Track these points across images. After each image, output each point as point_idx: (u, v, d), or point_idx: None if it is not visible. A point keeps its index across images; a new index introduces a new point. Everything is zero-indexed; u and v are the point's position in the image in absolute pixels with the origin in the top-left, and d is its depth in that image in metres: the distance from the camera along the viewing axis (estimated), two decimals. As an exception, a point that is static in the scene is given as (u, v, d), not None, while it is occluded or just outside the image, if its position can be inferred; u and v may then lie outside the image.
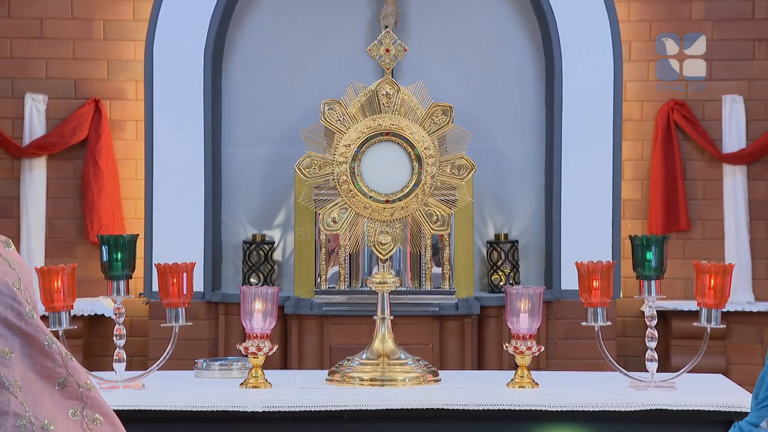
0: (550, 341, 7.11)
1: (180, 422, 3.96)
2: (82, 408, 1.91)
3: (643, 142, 7.65)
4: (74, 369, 1.92)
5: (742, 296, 7.50)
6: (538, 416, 3.99)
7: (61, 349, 1.91)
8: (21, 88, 7.56)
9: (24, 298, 1.89)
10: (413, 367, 4.27)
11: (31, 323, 1.88)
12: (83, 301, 7.06)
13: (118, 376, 4.14)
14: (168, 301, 4.22)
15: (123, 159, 7.59)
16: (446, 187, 4.36)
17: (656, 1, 7.61)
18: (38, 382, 1.87)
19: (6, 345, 1.86)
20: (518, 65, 7.56)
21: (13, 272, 1.90)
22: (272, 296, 4.20)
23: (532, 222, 7.53)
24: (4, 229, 7.34)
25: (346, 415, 3.98)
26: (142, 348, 7.20)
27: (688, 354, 6.95)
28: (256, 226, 7.55)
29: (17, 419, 1.83)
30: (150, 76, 7.25)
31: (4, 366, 1.85)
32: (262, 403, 3.97)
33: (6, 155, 7.58)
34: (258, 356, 4.14)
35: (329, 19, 7.55)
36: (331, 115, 4.32)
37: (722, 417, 3.96)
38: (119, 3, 7.57)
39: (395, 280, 4.34)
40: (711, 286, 4.13)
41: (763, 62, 7.62)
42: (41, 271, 4.03)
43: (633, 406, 3.99)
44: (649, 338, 4.23)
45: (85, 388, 1.92)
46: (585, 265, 4.25)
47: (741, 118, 7.60)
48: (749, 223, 7.59)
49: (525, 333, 4.21)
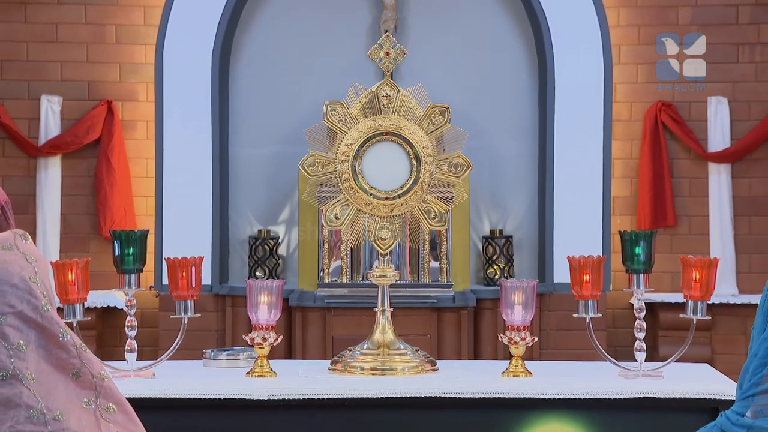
0: (543, 332, 7.11)
1: (189, 409, 3.96)
2: (96, 397, 1.90)
3: (632, 142, 7.64)
4: (88, 360, 1.91)
5: (727, 289, 7.50)
6: (532, 404, 3.99)
7: (75, 340, 1.91)
8: (37, 90, 7.56)
9: (40, 291, 1.89)
10: (412, 357, 4.27)
11: (46, 316, 1.88)
12: (96, 293, 7.06)
13: (129, 365, 4.14)
14: (177, 294, 4.21)
15: (134, 158, 7.58)
16: (444, 185, 4.36)
17: (644, 7, 7.60)
18: (53, 373, 1.87)
19: (22, 337, 1.86)
20: (512, 68, 7.55)
21: (29, 266, 1.90)
22: (277, 289, 4.19)
23: (526, 218, 7.52)
24: (22, 224, 7.29)
25: (348, 403, 3.98)
26: (152, 339, 7.20)
27: (675, 344, 6.95)
28: (262, 222, 7.55)
29: (29, 410, 1.82)
30: (160, 78, 7.24)
31: (19, 359, 1.84)
32: (267, 391, 3.97)
33: (23, 154, 7.58)
34: (263, 346, 4.14)
35: (332, 24, 7.55)
36: (333, 116, 4.31)
37: (708, 404, 3.96)
38: (131, 8, 7.56)
39: (395, 274, 4.34)
40: (697, 279, 4.13)
41: (747, 65, 7.61)
42: (56, 265, 4.02)
43: (622, 394, 3.98)
44: (638, 329, 4.23)
45: (99, 378, 1.91)
46: (576, 259, 4.24)
47: (725, 119, 7.60)
48: (733, 219, 7.58)
49: (519, 324, 4.20)
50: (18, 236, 1.94)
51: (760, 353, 1.68)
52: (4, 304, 1.85)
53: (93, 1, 7.56)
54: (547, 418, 3.99)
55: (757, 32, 7.60)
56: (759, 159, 7.63)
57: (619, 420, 4.00)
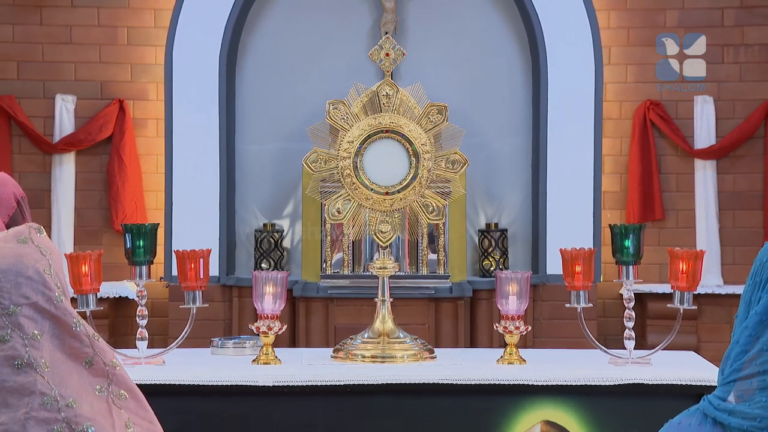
0: (537, 321, 7.10)
1: (197, 395, 3.95)
2: (108, 384, 1.90)
3: (622, 139, 7.64)
4: (100, 349, 1.91)
5: (712, 280, 7.50)
6: (526, 390, 3.99)
7: (88, 330, 1.90)
8: (52, 89, 7.55)
9: (54, 283, 1.88)
10: (411, 345, 4.26)
11: (59, 307, 1.87)
12: (109, 284, 7.06)
13: (140, 353, 4.13)
14: (186, 285, 4.21)
15: (145, 154, 7.58)
16: (441, 180, 4.35)
17: (633, 10, 7.60)
18: (67, 362, 1.86)
19: (36, 328, 1.85)
20: (507, 69, 7.54)
21: (44, 258, 1.89)
22: (282, 280, 4.19)
23: (520, 212, 7.52)
24: (37, 218, 7.29)
25: (350, 389, 3.97)
26: (162, 327, 7.19)
27: (662, 333, 6.94)
28: (267, 216, 7.54)
29: (43, 397, 1.82)
30: (170, 78, 7.24)
31: (34, 348, 1.84)
32: (272, 378, 3.96)
33: (38, 151, 7.57)
34: (269, 335, 4.13)
35: (334, 26, 7.54)
36: (335, 114, 4.30)
37: (694, 390, 3.95)
38: (141, 11, 7.56)
39: (394, 266, 4.33)
40: (683, 270, 4.13)
41: (731, 65, 7.61)
42: (70, 257, 4.02)
43: (612, 381, 3.98)
44: (627, 318, 4.22)
45: (111, 366, 1.91)
46: (568, 251, 4.24)
47: (711, 117, 7.59)
48: (718, 213, 7.58)
49: (513, 314, 4.20)
50: (33, 230, 1.93)
51: (741, 341, 1.68)
52: (20, 295, 1.85)
53: (105, 4, 7.56)
54: (541, 403, 3.99)
55: (741, 34, 7.59)
56: (743, 155, 7.63)
57: (609, 405, 4.00)
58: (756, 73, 7.59)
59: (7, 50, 7.54)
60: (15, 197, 3.11)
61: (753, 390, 1.65)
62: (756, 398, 1.64)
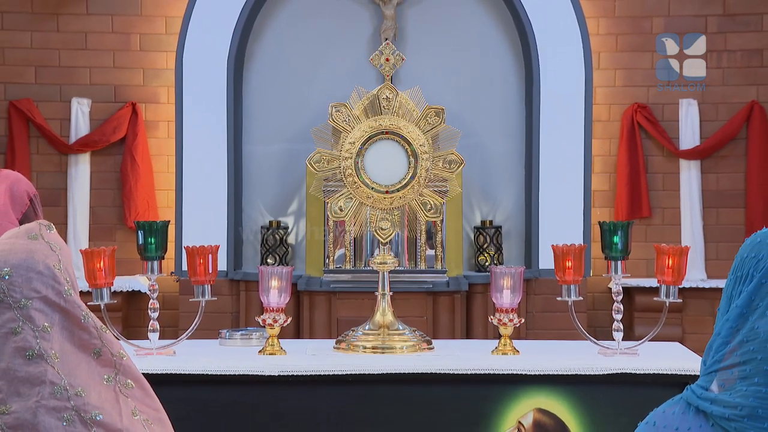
0: (530, 314, 7.10)
1: (206, 384, 3.95)
2: (116, 374, 1.89)
3: (611, 140, 7.63)
4: (108, 340, 1.90)
5: (696, 274, 7.49)
6: (519, 379, 3.98)
7: (96, 322, 1.90)
8: (68, 93, 7.54)
9: (63, 277, 1.87)
10: (410, 336, 4.25)
11: (69, 300, 1.87)
12: (122, 278, 7.05)
13: (152, 344, 4.12)
14: (196, 279, 4.20)
15: (156, 155, 7.58)
16: (439, 180, 4.34)
17: (622, 18, 7.59)
18: (76, 353, 1.85)
19: (46, 320, 1.84)
20: (501, 73, 7.53)
21: (53, 254, 1.88)
22: (287, 275, 4.18)
23: (514, 210, 7.51)
24: (53, 216, 7.32)
25: (351, 379, 3.96)
26: (173, 320, 7.19)
27: (649, 325, 6.93)
28: (273, 214, 7.53)
29: (53, 387, 1.81)
30: (180, 82, 7.23)
31: (44, 339, 1.83)
32: (278, 368, 3.96)
33: (55, 151, 7.57)
34: (274, 327, 4.13)
35: (336, 33, 7.53)
36: (338, 116, 4.29)
37: (679, 380, 3.94)
38: (153, 18, 7.55)
39: (394, 261, 4.32)
40: (669, 265, 4.12)
41: (715, 70, 7.60)
42: (85, 253, 4.01)
43: (601, 370, 3.97)
44: (616, 311, 4.21)
45: (118, 356, 1.90)
46: (560, 247, 4.23)
47: (695, 120, 7.59)
48: (702, 210, 7.58)
49: (507, 307, 4.19)
50: (43, 226, 1.92)
51: (722, 333, 1.67)
52: (31, 289, 1.84)
53: (119, 11, 7.55)
54: (533, 391, 3.98)
55: (724, 41, 7.57)
56: (726, 156, 7.62)
57: (598, 393, 3.99)
58: (738, 78, 7.58)
59: (26, 56, 7.53)
60: (28, 195, 3.10)
61: (734, 379, 1.64)
62: (737, 387, 1.63)
